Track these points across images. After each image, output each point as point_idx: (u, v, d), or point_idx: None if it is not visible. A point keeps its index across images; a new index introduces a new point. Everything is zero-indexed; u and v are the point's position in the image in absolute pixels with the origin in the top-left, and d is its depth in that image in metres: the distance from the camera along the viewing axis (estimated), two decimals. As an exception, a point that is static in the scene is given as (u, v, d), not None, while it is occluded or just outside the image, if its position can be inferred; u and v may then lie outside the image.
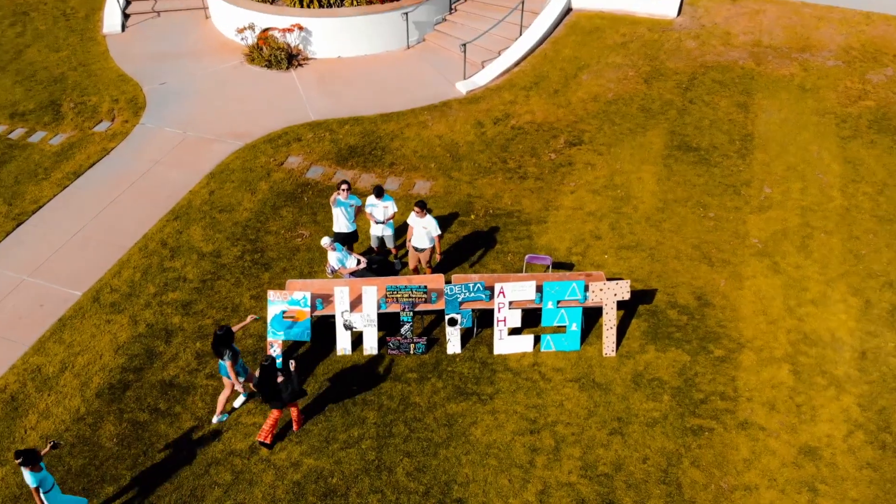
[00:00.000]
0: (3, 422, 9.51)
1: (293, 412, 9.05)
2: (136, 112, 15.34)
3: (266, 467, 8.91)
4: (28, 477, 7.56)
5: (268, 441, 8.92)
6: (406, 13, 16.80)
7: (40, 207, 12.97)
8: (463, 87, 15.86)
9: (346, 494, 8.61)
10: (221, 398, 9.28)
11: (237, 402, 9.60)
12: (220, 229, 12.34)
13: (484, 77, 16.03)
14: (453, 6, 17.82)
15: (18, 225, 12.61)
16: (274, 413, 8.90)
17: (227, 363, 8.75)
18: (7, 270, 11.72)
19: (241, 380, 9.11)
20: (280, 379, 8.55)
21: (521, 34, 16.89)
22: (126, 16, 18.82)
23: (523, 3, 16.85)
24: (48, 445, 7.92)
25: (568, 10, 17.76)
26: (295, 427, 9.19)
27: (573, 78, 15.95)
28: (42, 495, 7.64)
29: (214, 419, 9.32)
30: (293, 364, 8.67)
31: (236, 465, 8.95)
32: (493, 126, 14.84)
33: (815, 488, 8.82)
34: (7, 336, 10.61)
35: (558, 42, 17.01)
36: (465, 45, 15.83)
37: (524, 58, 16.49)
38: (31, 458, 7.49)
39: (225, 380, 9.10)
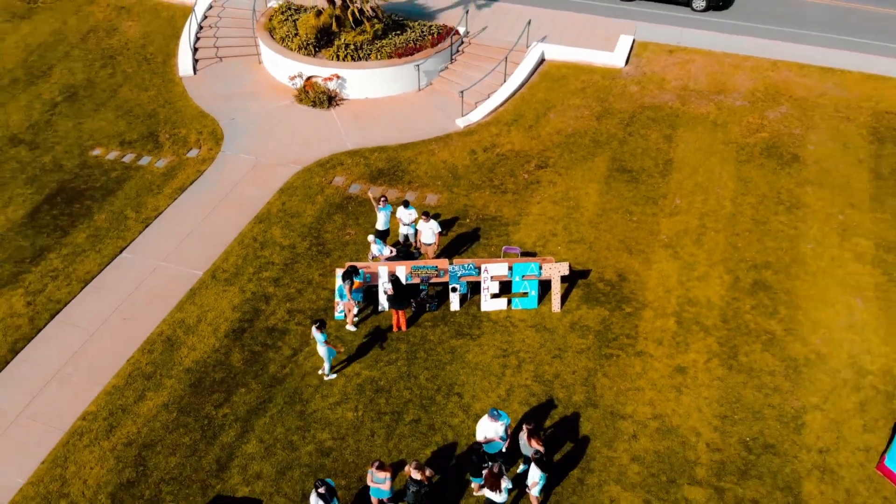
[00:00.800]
0: (165, 353, 15.29)
1: (402, 317, 14.92)
2: (217, 142, 21.16)
3: (339, 376, 14.73)
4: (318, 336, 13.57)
5: (404, 329, 14.83)
6: (418, 65, 22.65)
7: (159, 214, 18.76)
8: (461, 123, 21.70)
9: (389, 390, 14.43)
10: (350, 317, 15.10)
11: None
12: (292, 229, 18.16)
13: (476, 115, 21.87)
14: (453, 58, 23.67)
15: (146, 227, 18.41)
16: (400, 313, 14.76)
17: (345, 287, 14.53)
18: (146, 259, 17.51)
19: (357, 301, 14.97)
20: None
21: (505, 81, 22.74)
22: (195, 60, 24.62)
23: (507, 57, 22.71)
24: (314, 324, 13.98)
25: (542, 61, 23.61)
26: (404, 328, 15.00)
27: (543, 116, 21.81)
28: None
29: (344, 329, 15.23)
30: (390, 289, 14.58)
31: (320, 375, 14.76)
32: (483, 153, 20.69)
33: (680, 390, 14.64)
34: (156, 302, 16.38)
35: (533, 87, 22.88)
36: (462, 91, 21.68)
37: (507, 100, 22.33)
38: (323, 325, 13.58)
39: (345, 303, 14.90)
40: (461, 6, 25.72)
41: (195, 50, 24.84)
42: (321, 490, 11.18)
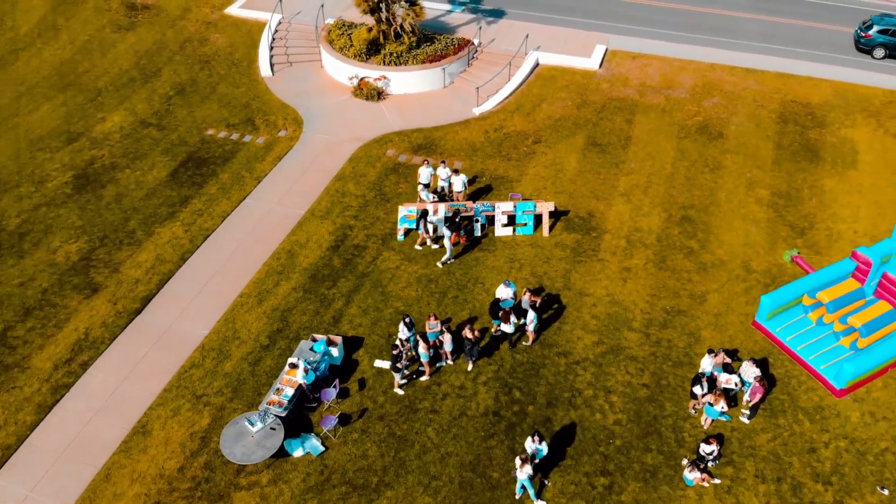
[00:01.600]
0: (288, 259, 23.49)
1: (456, 235, 23.16)
2: (299, 125, 29.43)
3: (406, 275, 22.95)
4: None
5: (462, 241, 23.05)
6: (444, 68, 30.94)
7: (266, 175, 26.98)
8: (477, 111, 29.98)
9: (437, 281, 22.68)
10: (422, 239, 23.32)
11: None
12: (361, 185, 26.43)
13: (488, 105, 30.14)
14: (470, 63, 31.99)
15: (259, 182, 26.63)
16: (455, 234, 22.97)
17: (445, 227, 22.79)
18: (262, 203, 25.72)
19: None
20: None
21: (509, 80, 31.03)
22: (272, 64, 32.85)
23: (510, 62, 31.04)
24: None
25: (536, 65, 31.93)
26: (462, 241, 23.18)
27: (537, 106, 30.13)
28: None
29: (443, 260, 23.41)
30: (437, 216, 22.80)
31: (397, 265, 23.00)
32: (494, 133, 28.98)
33: (626, 280, 22.89)
34: (276, 230, 24.55)
35: (530, 84, 31.21)
36: (478, 87, 30.01)
37: (511, 94, 30.62)
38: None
39: (422, 234, 23.14)
40: (475, 23, 34.09)
41: (271, 56, 33.08)
42: (406, 320, 19.46)
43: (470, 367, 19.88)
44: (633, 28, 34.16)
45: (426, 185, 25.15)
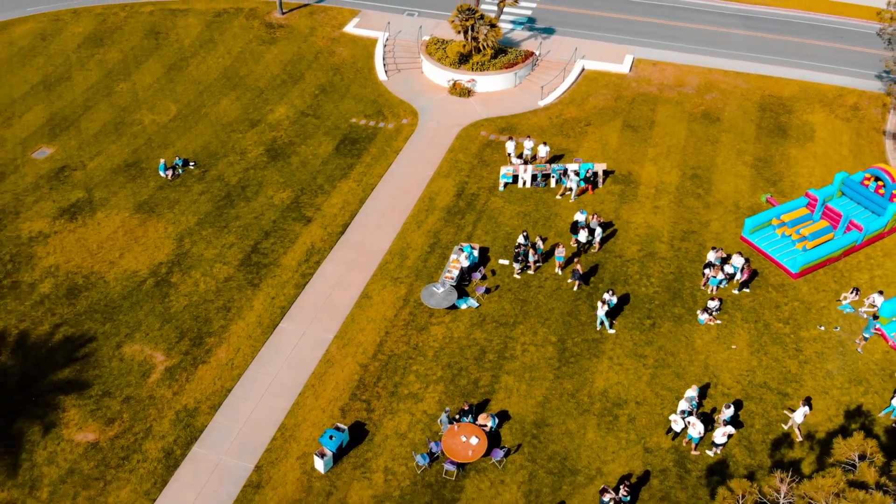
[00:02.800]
0: (429, 203, 35.30)
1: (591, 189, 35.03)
2: (415, 115, 41.28)
3: (509, 211, 34.80)
4: None
5: (591, 193, 34.93)
6: (515, 73, 42.89)
7: (401, 149, 38.81)
8: (541, 103, 41.90)
9: (529, 214, 34.51)
10: (574, 191, 35.17)
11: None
12: (467, 154, 38.29)
13: (549, 99, 42.06)
14: (533, 68, 43.94)
15: (397, 155, 38.44)
16: (589, 188, 34.85)
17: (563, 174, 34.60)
18: (403, 168, 37.52)
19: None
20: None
21: (563, 80, 42.97)
22: (386, 71, 44.70)
23: (564, 68, 43.00)
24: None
25: (583, 70, 43.90)
26: (591, 192, 35.10)
27: (585, 99, 42.08)
28: None
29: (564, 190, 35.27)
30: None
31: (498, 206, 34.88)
32: (555, 119, 40.89)
33: (655, 213, 34.71)
34: (415, 186, 36.33)
35: (579, 84, 43.16)
36: (543, 86, 41.96)
37: (565, 91, 42.55)
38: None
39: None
40: (535, 39, 46.06)
41: (384, 64, 44.96)
42: (524, 233, 31.31)
43: (558, 270, 31.58)
44: (652, 42, 46.16)
45: (519, 156, 37.04)
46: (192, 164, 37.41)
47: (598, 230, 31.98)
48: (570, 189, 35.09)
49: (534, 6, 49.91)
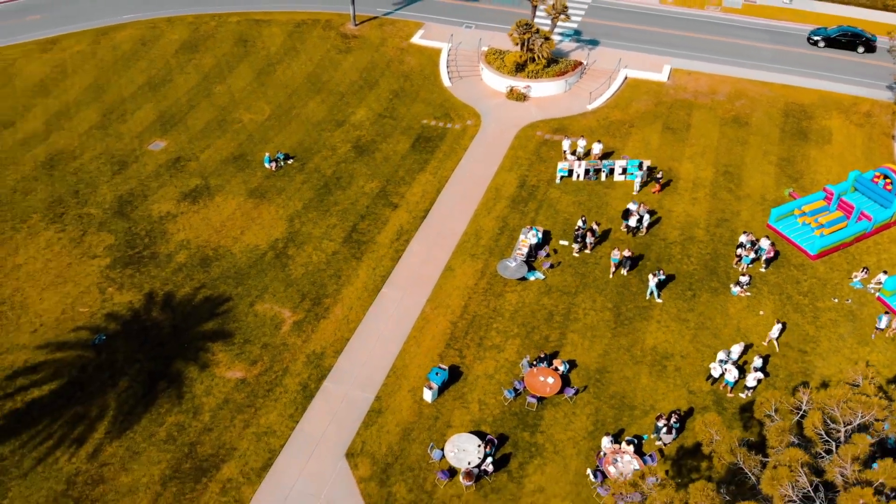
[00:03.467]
0: (496, 192, 41.26)
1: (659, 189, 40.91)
2: (478, 117, 47.27)
3: (566, 201, 40.70)
4: None
5: (656, 192, 40.85)
6: (566, 80, 48.78)
7: (468, 147, 44.79)
8: (590, 107, 47.77)
9: (585, 203, 40.39)
10: (638, 185, 41.09)
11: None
12: (526, 151, 44.21)
13: (597, 104, 47.92)
14: (581, 76, 49.81)
15: (465, 151, 44.41)
16: (657, 186, 40.76)
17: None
18: (470, 164, 43.47)
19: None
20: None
21: (609, 87, 48.82)
22: (450, 78, 50.72)
23: (609, 76, 48.85)
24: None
25: (625, 78, 49.72)
26: (656, 191, 40.98)
27: (629, 104, 47.90)
28: None
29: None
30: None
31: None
32: (602, 121, 46.74)
33: (693, 203, 40.48)
34: (482, 178, 42.29)
35: (623, 90, 48.99)
36: (591, 92, 47.83)
37: (611, 96, 48.39)
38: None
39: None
40: (582, 50, 51.92)
41: (448, 72, 50.97)
42: (583, 218, 37.20)
43: (616, 255, 37.41)
44: (687, 53, 51.90)
45: (573, 153, 42.96)
46: (291, 157, 43.57)
47: (646, 217, 37.81)
48: (640, 183, 40.74)
49: (579, 19, 55.78)
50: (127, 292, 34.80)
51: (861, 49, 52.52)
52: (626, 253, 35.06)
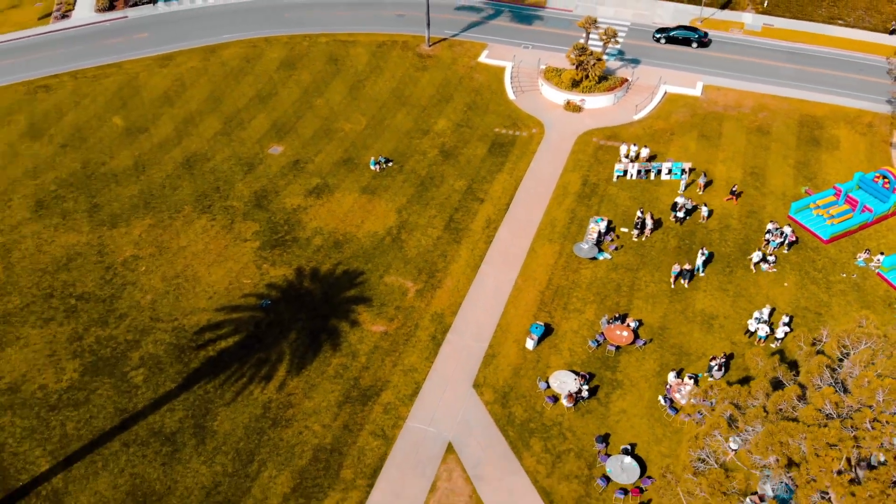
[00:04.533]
0: (565, 189, 50.44)
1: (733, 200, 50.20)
2: (542, 127, 56.49)
3: (623, 196, 49.91)
4: None
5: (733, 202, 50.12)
6: (615, 94, 58.01)
7: (536, 151, 53.95)
8: (636, 118, 56.98)
9: (639, 198, 49.57)
10: (683, 183, 50.36)
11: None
12: (586, 154, 53.38)
13: (641, 114, 57.14)
14: (627, 91, 59.04)
15: (533, 155, 53.57)
16: (734, 199, 50.04)
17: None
18: (540, 165, 52.67)
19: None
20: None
21: (651, 101, 58.04)
22: (514, 91, 59.93)
23: (652, 92, 58.07)
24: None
25: (665, 93, 58.96)
26: (735, 201, 50.24)
27: (669, 115, 57.12)
28: None
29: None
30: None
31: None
32: (647, 130, 55.94)
33: (727, 199, 49.66)
34: (549, 178, 51.47)
35: (663, 103, 58.21)
36: (637, 105, 57.05)
37: (653, 108, 57.60)
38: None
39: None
40: (627, 68, 61.17)
41: (512, 87, 60.19)
42: (641, 209, 46.38)
43: (676, 268, 46.56)
44: (717, 71, 61.13)
45: (623, 154, 52.16)
46: (391, 161, 52.78)
47: (690, 209, 46.96)
48: (684, 184, 49.80)
49: (622, 40, 64.97)
50: (279, 268, 44.04)
51: (695, 45, 64.79)
52: (687, 266, 43.85)
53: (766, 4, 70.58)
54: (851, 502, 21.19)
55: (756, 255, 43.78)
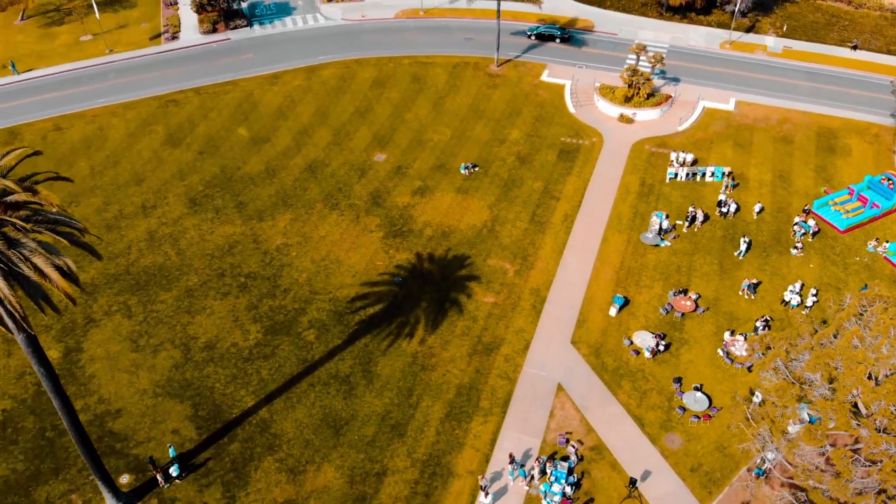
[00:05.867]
0: (627, 190, 61.19)
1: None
2: (601, 136, 67.25)
3: (675, 194, 60.69)
4: None
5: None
6: (661, 109, 68.82)
7: (598, 157, 64.71)
8: (679, 128, 67.79)
9: (688, 196, 60.37)
10: (726, 182, 61.15)
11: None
12: (640, 160, 64.11)
13: (684, 126, 67.94)
14: (671, 106, 69.86)
15: (596, 161, 64.30)
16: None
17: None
18: (605, 167, 63.42)
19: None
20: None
21: (692, 114, 68.85)
22: (573, 105, 70.68)
23: (694, 107, 68.90)
24: None
25: (703, 108, 69.80)
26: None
27: (707, 127, 67.92)
28: None
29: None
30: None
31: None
32: (690, 138, 66.73)
33: (761, 195, 60.39)
34: (614, 180, 62.18)
35: (702, 117, 69.01)
36: (680, 118, 67.89)
37: (694, 121, 68.41)
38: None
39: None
40: (670, 85, 72.00)
41: (572, 102, 70.96)
42: (692, 206, 57.17)
43: (746, 282, 57.29)
44: (748, 89, 71.98)
45: (674, 159, 62.90)
46: (477, 166, 63.49)
47: (733, 206, 57.77)
48: (730, 185, 60.54)
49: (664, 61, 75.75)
50: (402, 253, 54.80)
51: (558, 41, 80.00)
52: (754, 280, 53.99)
53: (784, 29, 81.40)
54: (873, 398, 31.81)
55: (798, 245, 54.57)
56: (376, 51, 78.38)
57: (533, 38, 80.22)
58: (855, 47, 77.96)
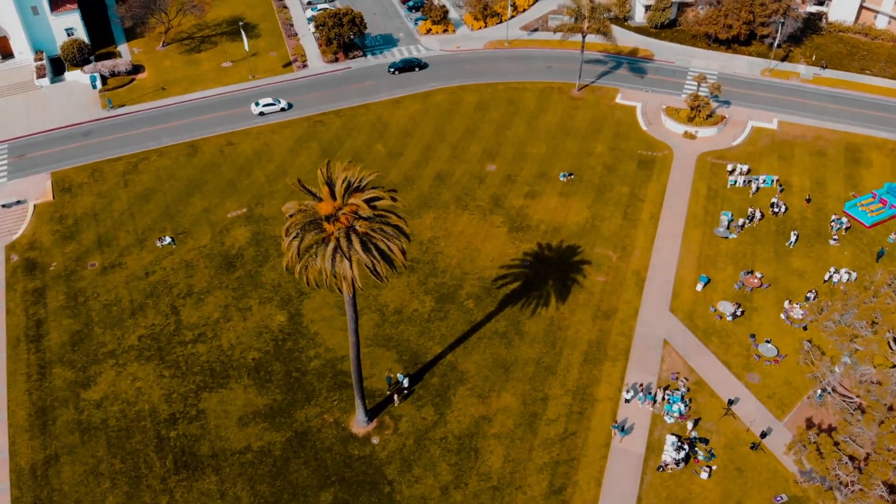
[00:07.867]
0: (697, 195, 76.93)
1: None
2: (671, 149, 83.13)
3: (733, 196, 76.48)
4: None
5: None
6: (718, 127, 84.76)
7: (671, 167, 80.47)
8: (734, 143, 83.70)
9: (740, 194, 76.16)
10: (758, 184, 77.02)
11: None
12: (704, 168, 79.99)
13: (737, 141, 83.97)
14: (725, 125, 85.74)
15: (670, 171, 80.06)
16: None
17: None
18: (679, 174, 79.18)
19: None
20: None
21: (743, 132, 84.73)
22: (643, 123, 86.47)
23: (745, 126, 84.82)
24: None
25: (752, 126, 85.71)
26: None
27: (756, 142, 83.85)
28: None
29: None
30: None
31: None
32: (742, 152, 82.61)
33: (802, 198, 76.19)
34: (686, 185, 77.95)
35: (752, 134, 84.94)
36: (735, 135, 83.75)
37: (745, 138, 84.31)
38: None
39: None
40: (723, 108, 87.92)
41: (643, 121, 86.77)
42: (729, 217, 73.08)
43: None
44: (788, 110, 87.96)
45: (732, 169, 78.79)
46: (572, 174, 79.31)
47: (783, 206, 73.65)
48: (758, 188, 76.38)
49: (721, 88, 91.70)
50: (525, 244, 70.70)
51: (417, 69, 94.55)
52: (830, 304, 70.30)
53: (813, 58, 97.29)
54: (904, 336, 47.65)
55: (835, 237, 70.46)
56: (475, 78, 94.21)
57: (396, 73, 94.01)
58: (824, 66, 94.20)
